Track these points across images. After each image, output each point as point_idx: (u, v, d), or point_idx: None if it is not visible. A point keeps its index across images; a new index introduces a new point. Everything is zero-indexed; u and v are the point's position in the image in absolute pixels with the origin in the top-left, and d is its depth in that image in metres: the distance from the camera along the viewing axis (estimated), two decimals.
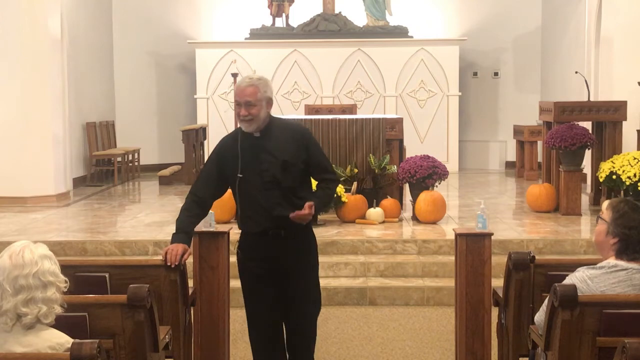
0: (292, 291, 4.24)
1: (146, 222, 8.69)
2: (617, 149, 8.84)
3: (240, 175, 4.08)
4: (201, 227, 4.77)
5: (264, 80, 4.11)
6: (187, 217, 4.28)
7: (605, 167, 8.40)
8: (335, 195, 4.46)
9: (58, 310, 2.90)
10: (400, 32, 13.80)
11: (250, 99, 4.01)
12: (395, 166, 8.43)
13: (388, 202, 8.38)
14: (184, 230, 4.25)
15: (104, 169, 13.08)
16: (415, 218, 8.35)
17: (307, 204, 4.03)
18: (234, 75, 12.01)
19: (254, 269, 4.25)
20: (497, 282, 4.73)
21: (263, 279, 4.23)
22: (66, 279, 2.97)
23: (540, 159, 11.15)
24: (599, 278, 3.43)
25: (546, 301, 3.53)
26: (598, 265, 3.49)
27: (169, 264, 4.15)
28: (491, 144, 14.59)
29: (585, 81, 9.49)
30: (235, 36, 13.97)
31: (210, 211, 4.75)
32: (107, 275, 4.19)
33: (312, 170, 4.21)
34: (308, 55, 13.64)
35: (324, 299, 4.81)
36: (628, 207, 3.45)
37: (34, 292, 2.83)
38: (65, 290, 2.96)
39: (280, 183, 4.07)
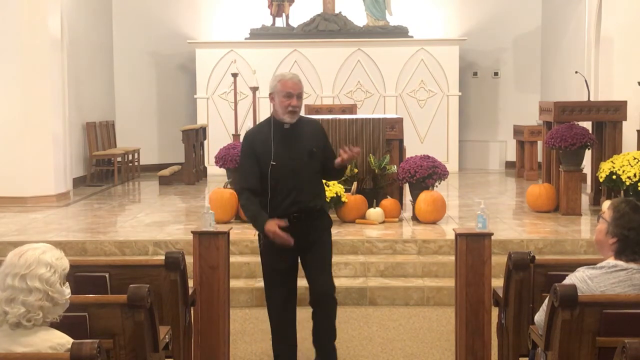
0: (313, 262, 4.71)
1: (146, 222, 8.69)
2: (617, 149, 8.84)
3: (274, 163, 4.49)
4: (201, 227, 4.78)
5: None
6: (256, 204, 4.59)
7: (605, 167, 8.40)
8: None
9: (44, 316, 2.85)
10: (400, 32, 13.80)
11: (301, 92, 4.61)
12: (395, 166, 8.43)
13: (388, 202, 8.38)
14: (263, 212, 4.57)
15: (104, 169, 13.08)
16: (415, 218, 8.35)
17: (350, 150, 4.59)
18: (234, 75, 12.01)
19: (277, 252, 4.62)
20: (497, 282, 4.73)
21: (285, 261, 4.67)
22: (66, 291, 2.94)
23: (540, 159, 11.16)
24: (599, 278, 3.43)
25: (546, 301, 3.53)
26: (598, 265, 3.49)
27: (286, 243, 4.48)
28: (491, 144, 14.59)
29: (585, 81, 9.49)
30: (235, 36, 13.96)
31: (210, 211, 4.78)
32: (107, 275, 4.20)
33: (329, 157, 4.70)
34: (308, 55, 13.64)
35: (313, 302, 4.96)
36: (629, 207, 3.45)
37: (17, 293, 2.82)
38: (64, 302, 2.93)
39: (306, 170, 4.57)
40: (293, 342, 4.89)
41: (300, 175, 4.54)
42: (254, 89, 11.73)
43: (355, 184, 8.26)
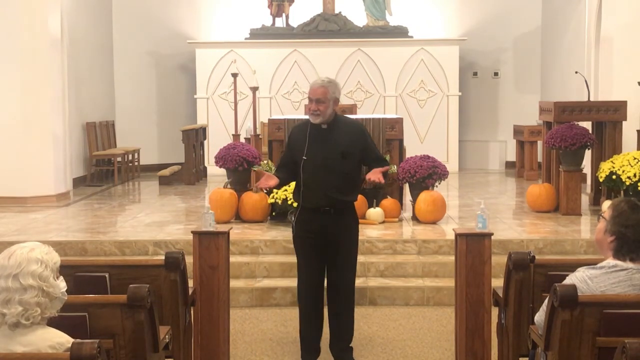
0: (337, 258, 5.02)
1: (146, 222, 8.69)
2: (617, 149, 8.84)
3: (305, 158, 4.91)
4: (201, 227, 4.79)
5: (333, 83, 5.02)
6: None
7: (605, 167, 8.40)
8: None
9: (42, 312, 2.86)
10: (400, 32, 13.80)
11: (320, 97, 4.89)
12: (395, 166, 8.43)
13: (388, 202, 8.38)
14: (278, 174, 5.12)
15: (104, 169, 13.08)
16: (415, 218, 8.35)
17: (380, 169, 5.01)
18: (234, 75, 11.99)
19: (306, 239, 5.03)
20: (497, 282, 4.73)
21: (314, 248, 5.01)
22: (62, 284, 2.95)
23: (540, 159, 11.16)
24: (599, 278, 3.43)
25: (546, 301, 3.53)
26: (598, 265, 3.49)
27: (258, 186, 5.05)
28: (491, 144, 14.59)
29: (585, 81, 9.49)
30: (235, 36, 13.97)
31: (210, 211, 4.79)
32: (107, 275, 4.20)
33: (369, 159, 5.08)
34: (308, 55, 13.64)
35: (329, 298, 5.20)
36: (628, 206, 3.46)
37: (12, 294, 2.83)
38: (59, 295, 2.93)
39: (339, 168, 4.91)
40: (319, 325, 5.16)
41: (332, 172, 4.89)
42: (254, 89, 11.73)
43: None
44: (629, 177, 8.15)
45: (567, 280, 3.51)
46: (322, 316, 5.18)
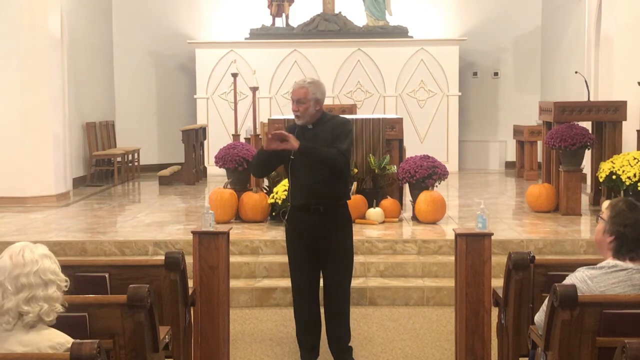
0: (330, 259, 4.98)
1: (146, 222, 8.69)
2: (617, 149, 8.84)
3: (292, 157, 4.88)
4: (201, 227, 4.79)
5: (315, 83, 5.00)
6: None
7: (605, 167, 8.40)
8: (336, 162, 4.93)
9: (59, 308, 2.91)
10: (400, 32, 13.80)
11: (301, 98, 4.93)
12: (395, 166, 8.43)
13: (388, 202, 8.38)
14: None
15: (104, 169, 13.08)
16: (415, 218, 8.35)
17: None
18: (234, 75, 12.00)
19: (298, 238, 5.00)
20: (497, 282, 4.73)
21: (305, 248, 4.98)
22: (67, 278, 2.99)
23: (540, 159, 11.16)
24: (598, 278, 3.43)
25: (546, 301, 3.53)
26: (598, 265, 3.49)
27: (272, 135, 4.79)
28: (491, 144, 14.59)
29: (585, 81, 9.49)
30: (235, 36, 13.97)
31: (210, 211, 4.80)
32: (107, 275, 4.20)
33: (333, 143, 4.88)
34: (308, 55, 13.64)
35: (323, 299, 5.15)
36: (625, 205, 3.47)
37: (35, 290, 2.84)
38: (66, 289, 2.97)
39: (323, 167, 4.85)
40: (316, 327, 5.13)
41: (317, 170, 4.85)
42: (254, 89, 11.73)
43: (355, 184, 8.25)
44: (629, 177, 8.15)
45: (567, 280, 3.51)
46: (319, 317, 5.15)
